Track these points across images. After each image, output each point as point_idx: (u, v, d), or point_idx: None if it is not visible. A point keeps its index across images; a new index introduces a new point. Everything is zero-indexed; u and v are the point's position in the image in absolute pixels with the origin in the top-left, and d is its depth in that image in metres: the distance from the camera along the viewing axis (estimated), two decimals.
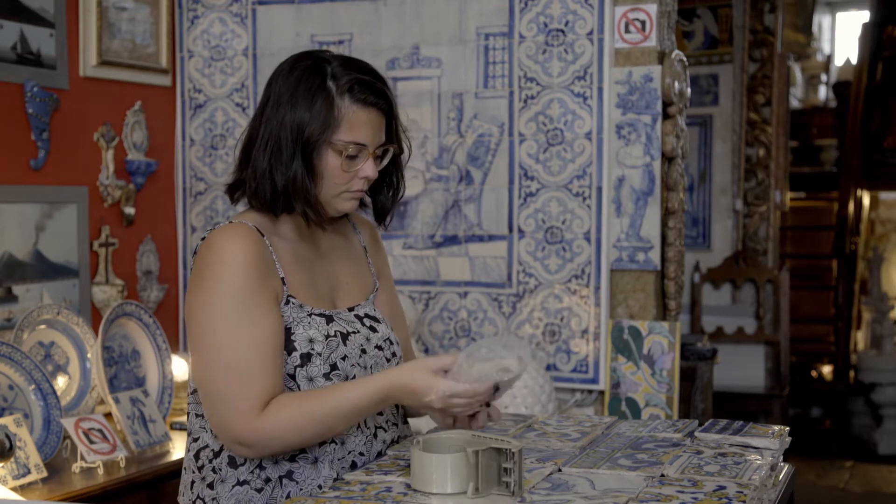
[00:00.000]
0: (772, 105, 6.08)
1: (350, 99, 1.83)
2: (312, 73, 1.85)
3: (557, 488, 1.70)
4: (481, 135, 3.44)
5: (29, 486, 2.58)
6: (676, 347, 3.23)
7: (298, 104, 1.83)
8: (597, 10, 3.29)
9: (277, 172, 1.83)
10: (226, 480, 1.84)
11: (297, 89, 1.84)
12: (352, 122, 1.83)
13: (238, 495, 1.83)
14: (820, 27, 11.24)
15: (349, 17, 3.57)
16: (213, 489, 1.85)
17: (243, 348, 1.76)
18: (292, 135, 1.82)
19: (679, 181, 3.32)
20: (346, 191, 1.88)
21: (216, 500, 1.85)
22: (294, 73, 1.87)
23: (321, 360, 1.84)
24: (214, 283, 1.79)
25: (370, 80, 1.86)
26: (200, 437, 1.89)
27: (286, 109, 1.83)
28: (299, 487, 1.84)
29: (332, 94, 1.82)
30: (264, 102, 1.89)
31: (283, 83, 1.87)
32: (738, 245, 6.06)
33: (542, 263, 3.38)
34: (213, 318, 1.77)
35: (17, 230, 3.14)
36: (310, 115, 1.81)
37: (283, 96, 1.85)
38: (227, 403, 1.76)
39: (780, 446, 1.97)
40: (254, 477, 1.84)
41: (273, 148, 1.83)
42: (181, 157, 3.78)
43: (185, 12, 3.74)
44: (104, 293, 3.39)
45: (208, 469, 1.86)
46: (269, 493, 1.83)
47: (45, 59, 3.23)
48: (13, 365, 2.79)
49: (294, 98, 1.83)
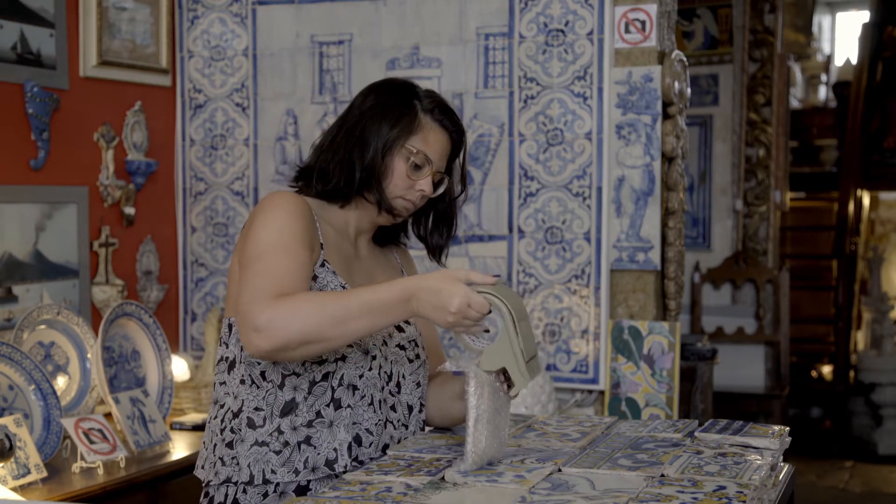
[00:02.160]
0: (772, 105, 6.08)
1: (431, 117, 2.03)
2: (404, 90, 2.05)
3: (557, 488, 1.70)
4: (481, 135, 3.44)
5: (29, 486, 2.58)
6: (676, 347, 3.23)
7: (387, 110, 2.01)
8: (597, 10, 3.29)
9: (357, 160, 1.99)
10: (245, 440, 1.93)
11: (389, 99, 2.02)
12: (427, 135, 2.02)
13: (257, 454, 1.92)
14: (820, 27, 11.24)
15: (349, 17, 3.57)
16: (233, 448, 1.94)
17: (281, 259, 1.85)
18: (377, 131, 1.99)
19: (679, 181, 3.32)
20: (403, 197, 2.02)
21: (235, 458, 1.93)
22: (386, 88, 2.06)
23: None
24: (270, 215, 1.92)
25: (451, 110, 2.07)
26: (225, 402, 1.98)
27: (375, 111, 2.01)
28: (317, 452, 1.92)
29: (417, 109, 2.02)
30: (353, 105, 2.05)
31: (376, 93, 2.05)
32: (738, 245, 6.07)
33: (542, 263, 3.38)
34: (263, 236, 1.88)
35: (17, 230, 3.14)
36: (395, 120, 2.00)
37: (373, 103, 2.03)
38: (252, 293, 1.81)
39: (780, 446, 1.97)
40: (272, 439, 1.92)
41: (358, 139, 1.99)
42: (181, 157, 3.78)
43: (185, 12, 3.74)
44: (104, 293, 3.39)
45: (228, 430, 1.95)
46: (286, 456, 1.92)
47: (45, 59, 3.23)
48: (13, 365, 2.79)
49: (384, 105, 2.02)
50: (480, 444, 1.81)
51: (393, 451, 1.93)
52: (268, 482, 1.92)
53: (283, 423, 1.92)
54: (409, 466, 1.82)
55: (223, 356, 2.00)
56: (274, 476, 1.91)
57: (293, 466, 1.92)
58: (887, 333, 7.13)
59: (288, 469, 1.91)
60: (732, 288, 6.11)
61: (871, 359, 7.04)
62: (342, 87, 3.60)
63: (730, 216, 6.08)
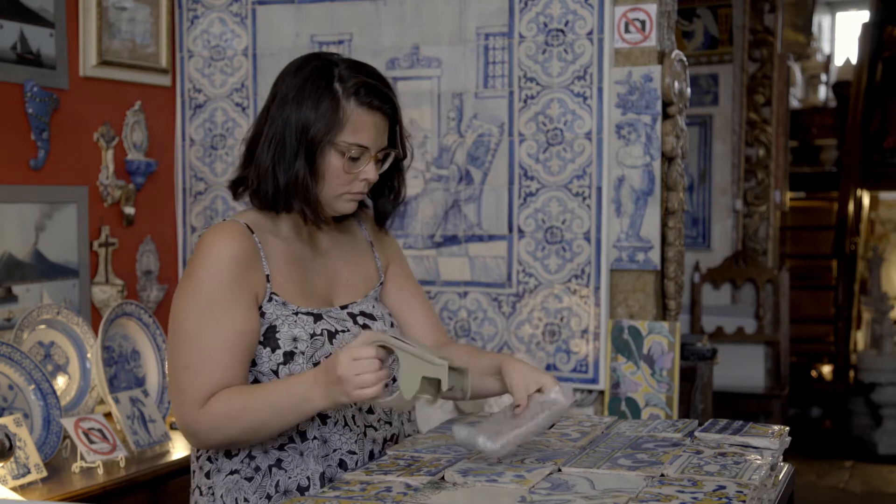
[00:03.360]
0: (772, 105, 6.08)
1: (356, 101, 1.86)
2: (320, 73, 1.87)
3: (557, 488, 1.70)
4: (481, 135, 3.44)
5: (29, 486, 2.58)
6: (676, 347, 3.23)
7: (304, 103, 1.85)
8: (597, 10, 3.29)
9: (280, 170, 1.86)
10: (221, 470, 1.90)
11: (304, 89, 1.86)
12: (356, 124, 1.86)
13: (229, 484, 1.89)
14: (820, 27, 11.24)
15: (349, 17, 3.57)
16: (210, 478, 1.92)
17: (200, 343, 1.82)
18: (297, 133, 1.85)
19: (679, 181, 3.32)
20: (347, 192, 1.92)
21: (212, 489, 1.91)
22: (302, 73, 1.89)
23: (304, 358, 1.87)
24: (190, 279, 1.87)
25: (376, 84, 1.89)
26: None
27: (292, 108, 1.85)
28: (288, 476, 1.88)
29: (339, 96, 1.85)
30: (270, 100, 1.91)
31: (291, 82, 1.89)
32: (737, 245, 6.07)
33: (542, 263, 3.38)
34: (182, 311, 1.85)
35: (17, 230, 3.14)
36: (315, 115, 1.84)
37: (289, 94, 1.87)
38: (180, 394, 1.83)
39: (779, 446, 1.97)
40: (244, 466, 1.89)
41: (277, 146, 1.86)
42: (181, 157, 3.78)
43: (185, 12, 3.74)
44: (104, 293, 3.39)
45: (204, 459, 1.93)
46: (258, 482, 1.88)
47: (45, 59, 3.23)
48: (13, 365, 2.79)
49: (300, 97, 1.85)
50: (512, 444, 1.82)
51: (393, 451, 1.93)
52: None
53: (254, 448, 1.89)
54: (409, 466, 1.82)
55: None
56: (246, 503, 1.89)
57: (265, 492, 1.88)
58: (887, 333, 7.13)
59: (259, 495, 1.88)
60: (732, 288, 6.11)
61: (871, 359, 7.04)
62: None
63: (730, 216, 6.08)
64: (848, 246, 7.85)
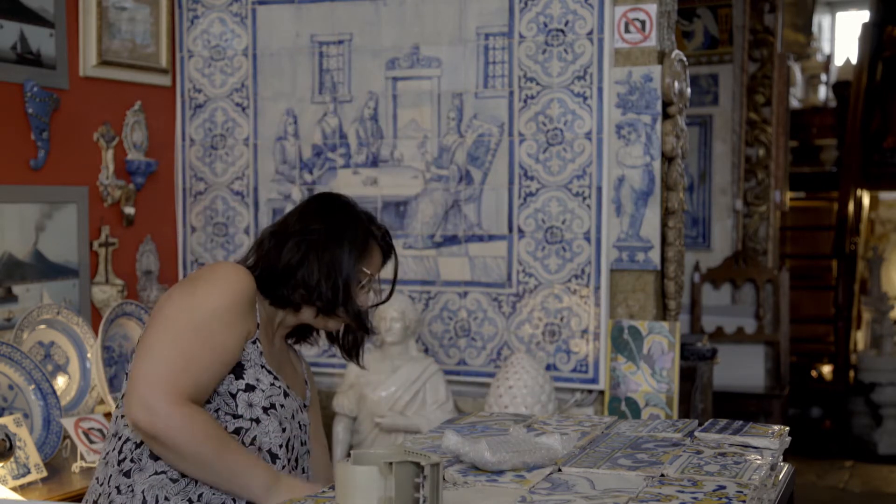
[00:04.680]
0: (772, 105, 6.08)
1: (376, 242, 2.21)
2: (353, 214, 2.20)
3: (557, 488, 1.70)
4: (481, 135, 3.44)
5: (29, 486, 2.58)
6: (676, 347, 3.23)
7: (350, 239, 2.15)
8: (597, 10, 3.29)
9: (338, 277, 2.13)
10: (144, 469, 1.96)
11: (347, 228, 2.16)
12: (372, 258, 2.20)
13: (154, 482, 1.95)
14: (820, 27, 11.24)
15: (349, 17, 3.57)
16: (130, 477, 1.96)
17: (197, 343, 1.92)
18: (345, 261, 2.14)
19: (679, 181, 3.32)
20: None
21: (131, 486, 1.95)
22: (331, 210, 2.20)
23: (263, 395, 2.04)
24: (202, 286, 2.00)
25: (389, 236, 2.26)
26: (123, 434, 2.00)
27: (340, 240, 2.15)
28: (212, 492, 1.96)
29: (370, 238, 2.19)
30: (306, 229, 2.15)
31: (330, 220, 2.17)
32: (738, 245, 6.06)
33: (542, 263, 3.38)
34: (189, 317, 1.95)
35: (17, 230, 3.14)
36: (358, 254, 2.16)
37: (333, 228, 2.15)
38: (160, 376, 1.88)
39: (779, 446, 1.97)
40: (170, 468, 1.95)
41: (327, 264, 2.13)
42: (181, 157, 3.78)
43: (185, 12, 3.74)
44: (104, 293, 3.39)
45: (127, 460, 1.97)
46: (182, 486, 1.95)
47: (45, 59, 3.23)
48: (13, 365, 2.79)
49: (344, 235, 2.16)
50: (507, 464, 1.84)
51: None
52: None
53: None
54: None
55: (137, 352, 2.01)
56: (167, 503, 1.94)
57: (187, 496, 1.95)
58: (887, 333, 7.13)
59: (182, 498, 1.94)
60: (732, 288, 6.11)
61: (871, 359, 7.04)
62: (342, 86, 3.60)
63: (730, 216, 6.08)
64: (848, 246, 7.85)
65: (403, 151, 3.52)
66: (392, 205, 3.54)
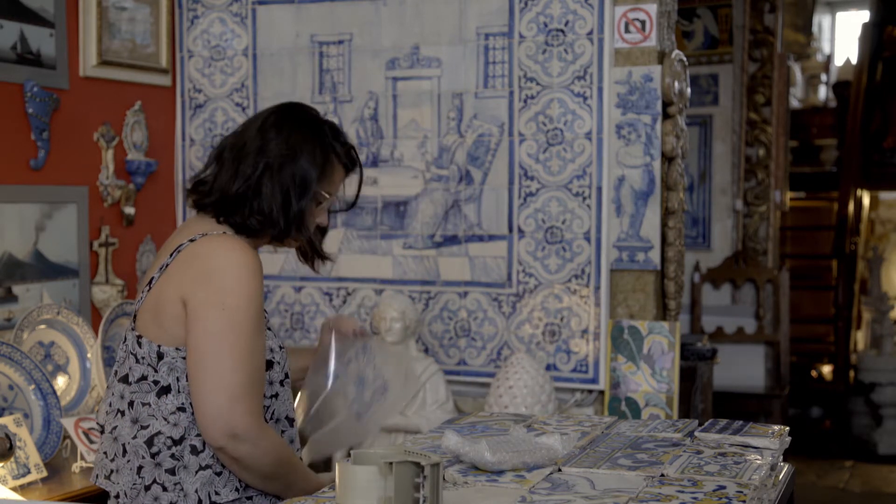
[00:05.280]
0: (772, 105, 6.08)
1: (338, 161, 2.14)
2: (315, 128, 2.12)
3: (557, 488, 1.70)
4: (481, 135, 3.44)
5: (29, 486, 2.58)
6: (676, 347, 3.23)
7: (308, 156, 2.08)
8: (597, 10, 3.29)
9: (293, 204, 2.06)
10: (189, 467, 1.97)
11: (307, 143, 2.08)
12: (333, 177, 2.14)
13: (202, 479, 1.97)
14: (820, 27, 11.24)
15: (349, 17, 3.57)
16: (175, 474, 1.97)
17: (257, 353, 1.95)
18: (304, 182, 2.07)
19: (679, 181, 3.32)
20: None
21: (179, 484, 1.97)
22: (296, 124, 2.11)
23: (280, 368, 2.07)
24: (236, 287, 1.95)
25: (355, 153, 2.18)
26: (150, 424, 1.99)
27: (297, 157, 2.06)
28: None
29: (334, 159, 2.12)
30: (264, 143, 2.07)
31: (289, 132, 2.09)
32: (738, 245, 6.06)
33: (542, 263, 3.38)
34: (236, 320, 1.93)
35: (17, 230, 3.14)
36: (319, 171, 2.08)
37: (291, 143, 2.07)
38: (241, 401, 1.91)
39: (779, 446, 1.97)
40: (214, 461, 1.99)
41: (286, 186, 2.06)
42: (181, 157, 3.78)
43: (185, 12, 3.74)
44: (104, 293, 3.39)
45: (166, 455, 1.97)
46: (227, 476, 1.98)
47: (45, 59, 3.23)
48: (13, 365, 2.79)
49: (303, 150, 2.07)
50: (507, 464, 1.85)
51: None
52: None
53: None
54: None
55: (151, 379, 1.99)
56: (218, 497, 1.98)
57: (234, 485, 1.99)
58: (887, 333, 7.13)
59: (230, 488, 1.98)
60: (732, 288, 6.11)
61: (871, 359, 7.04)
62: (342, 86, 3.60)
63: (730, 216, 6.08)
64: (848, 246, 7.85)
65: (403, 151, 3.52)
66: (392, 205, 3.54)
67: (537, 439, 1.90)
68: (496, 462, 1.81)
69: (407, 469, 1.52)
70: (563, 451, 1.87)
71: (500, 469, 1.81)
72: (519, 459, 1.82)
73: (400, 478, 1.52)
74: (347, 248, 3.59)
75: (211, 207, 2.10)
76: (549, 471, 1.80)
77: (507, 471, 1.81)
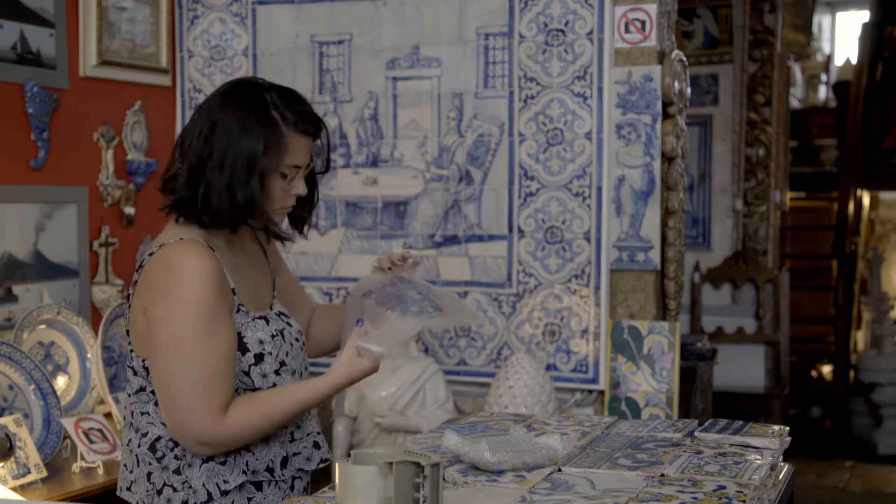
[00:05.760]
0: (772, 105, 6.08)
1: (295, 130, 2.01)
2: (256, 103, 2.00)
3: (557, 488, 1.70)
4: (481, 135, 3.44)
5: (29, 486, 2.58)
6: (676, 347, 3.23)
7: (249, 134, 1.97)
8: (597, 10, 3.29)
9: (238, 192, 1.97)
10: (192, 463, 1.98)
11: (248, 119, 1.98)
12: (293, 149, 2.01)
13: (207, 471, 1.98)
14: (820, 27, 11.24)
15: (349, 17, 3.57)
16: (181, 473, 1.99)
17: (209, 358, 1.92)
18: (247, 162, 1.96)
19: (679, 181, 3.32)
20: (282, 206, 2.06)
21: (187, 482, 1.98)
22: (237, 102, 2.00)
23: (272, 358, 2.03)
24: (175, 299, 1.93)
25: (310, 110, 2.04)
26: (149, 431, 2.01)
27: (238, 139, 1.97)
28: (255, 458, 2.01)
29: (280, 126, 1.99)
30: (210, 130, 1.99)
31: (230, 112, 1.99)
32: (738, 245, 6.06)
33: (542, 263, 3.38)
34: (182, 330, 1.92)
35: (17, 230, 3.14)
36: (262, 146, 1.96)
37: (232, 126, 1.98)
38: (194, 409, 1.91)
39: (779, 446, 1.97)
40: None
41: (230, 173, 1.97)
42: None
43: (185, 12, 3.74)
44: (104, 293, 3.39)
45: (170, 457, 1.99)
46: (232, 462, 1.99)
47: (45, 59, 3.23)
48: (13, 365, 2.79)
49: (244, 128, 1.97)
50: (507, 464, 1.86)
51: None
52: (224, 493, 1.99)
53: None
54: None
55: (148, 390, 2.01)
56: (227, 485, 1.98)
57: (240, 469, 2.00)
58: (887, 333, 7.13)
59: (237, 473, 1.99)
60: (732, 288, 6.10)
61: (871, 359, 7.03)
62: (342, 86, 3.60)
63: (730, 216, 6.08)
64: (848, 246, 7.85)
65: (403, 151, 3.52)
66: (392, 205, 3.54)
67: (537, 439, 1.90)
68: (496, 462, 1.81)
69: (407, 469, 1.52)
70: (563, 451, 1.87)
71: (500, 469, 1.81)
72: (519, 459, 1.82)
73: (400, 478, 1.52)
74: (347, 248, 3.59)
75: (172, 209, 2.05)
76: (549, 471, 1.80)
77: (507, 471, 1.81)
